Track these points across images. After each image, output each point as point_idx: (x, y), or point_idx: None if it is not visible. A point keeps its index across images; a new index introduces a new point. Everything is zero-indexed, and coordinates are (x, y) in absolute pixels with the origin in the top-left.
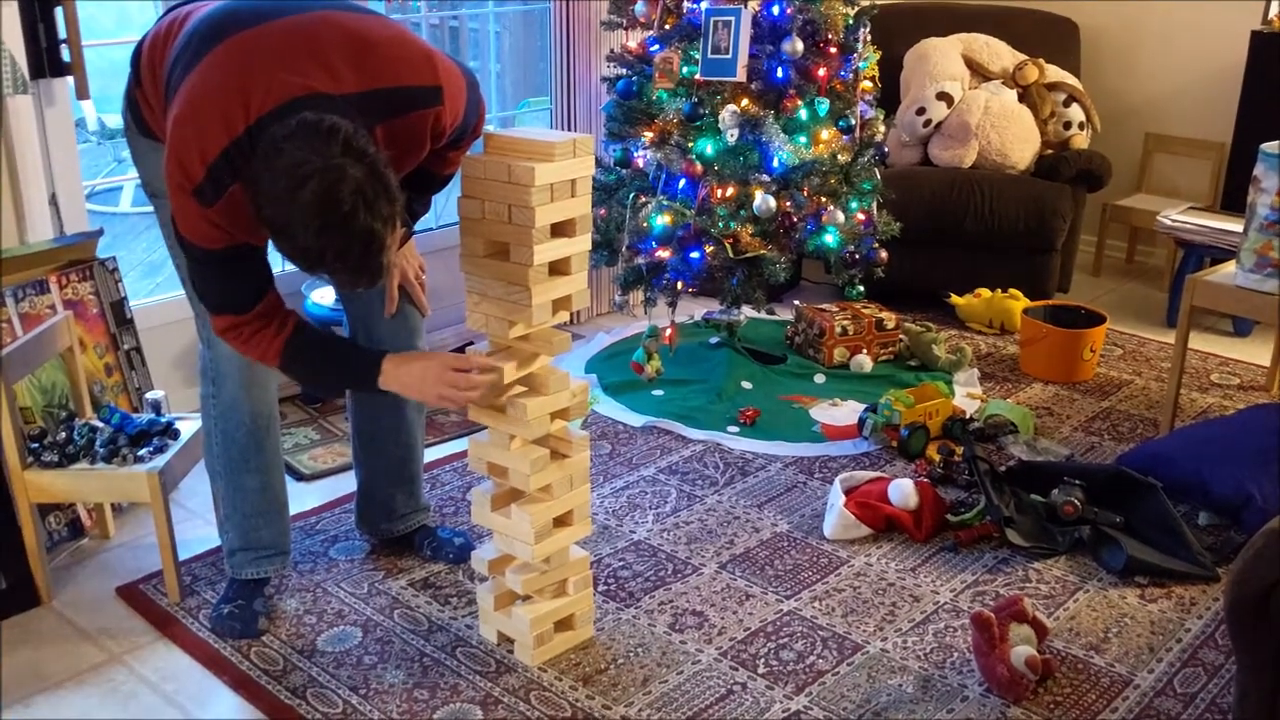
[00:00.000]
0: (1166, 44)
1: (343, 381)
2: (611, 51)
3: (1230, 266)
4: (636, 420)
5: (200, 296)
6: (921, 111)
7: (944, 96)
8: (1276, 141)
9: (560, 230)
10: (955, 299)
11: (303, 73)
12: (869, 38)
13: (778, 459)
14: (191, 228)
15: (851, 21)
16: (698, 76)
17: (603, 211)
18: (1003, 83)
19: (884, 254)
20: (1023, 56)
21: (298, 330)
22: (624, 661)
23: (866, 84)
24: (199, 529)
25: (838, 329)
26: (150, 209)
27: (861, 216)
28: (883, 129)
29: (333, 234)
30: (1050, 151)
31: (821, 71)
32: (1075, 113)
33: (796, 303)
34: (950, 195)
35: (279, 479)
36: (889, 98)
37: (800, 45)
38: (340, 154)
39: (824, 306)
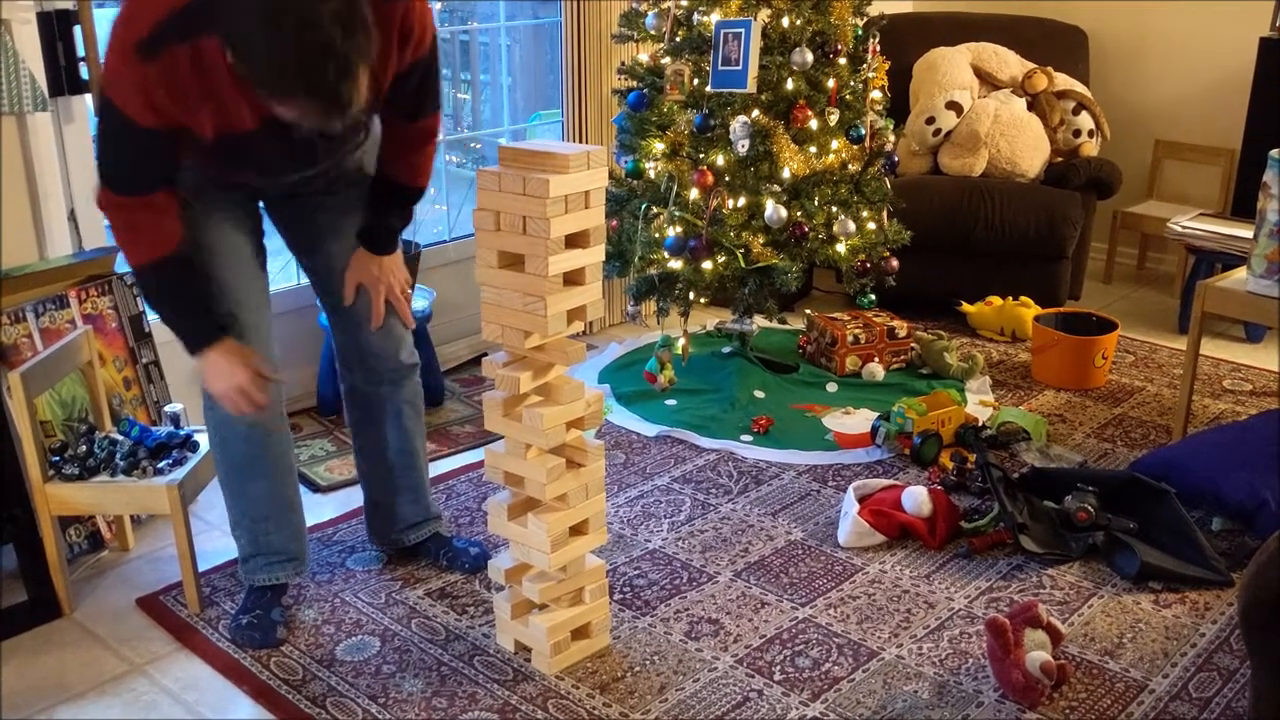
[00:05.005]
0: (1175, 51)
1: (176, 325)
2: (622, 64)
3: (1241, 272)
4: (650, 430)
5: (101, 164)
6: (931, 121)
7: (953, 105)
8: None
9: (575, 241)
10: (966, 307)
11: None
12: (878, 48)
13: (791, 467)
14: (125, 96)
15: (860, 32)
16: (708, 88)
17: (614, 223)
18: (1012, 91)
19: (894, 263)
20: (1031, 65)
21: (181, 253)
22: (640, 669)
23: (876, 94)
24: (218, 540)
25: (849, 337)
26: None
27: (872, 225)
28: (892, 138)
29: (308, 51)
30: (1060, 159)
31: (831, 82)
32: (1084, 120)
33: (808, 312)
34: (960, 204)
35: (289, 483)
36: (898, 107)
37: (810, 56)
38: None
39: (836, 315)
